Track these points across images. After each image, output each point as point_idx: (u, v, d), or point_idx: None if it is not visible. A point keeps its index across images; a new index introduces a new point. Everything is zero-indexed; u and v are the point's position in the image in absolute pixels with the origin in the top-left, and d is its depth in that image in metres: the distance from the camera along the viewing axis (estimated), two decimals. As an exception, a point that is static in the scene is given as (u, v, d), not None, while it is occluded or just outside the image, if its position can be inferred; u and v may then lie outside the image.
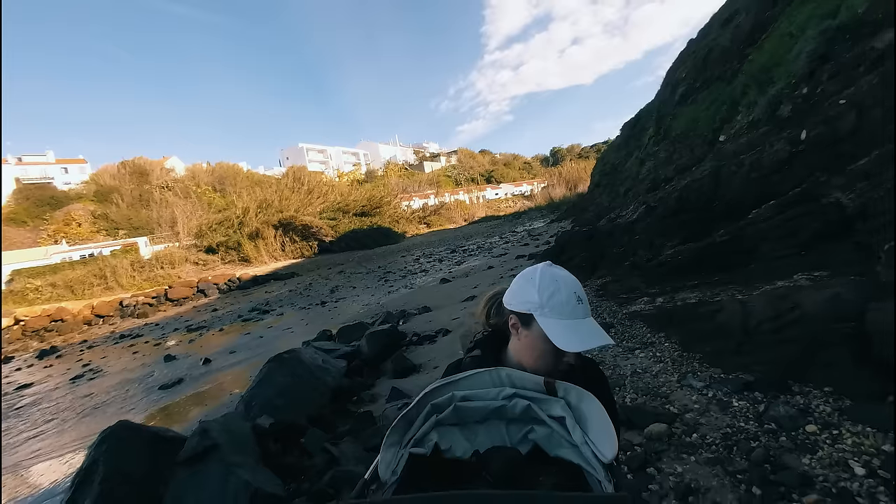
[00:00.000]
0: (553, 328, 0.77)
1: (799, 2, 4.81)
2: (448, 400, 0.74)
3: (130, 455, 2.46)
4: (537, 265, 0.87)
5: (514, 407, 0.74)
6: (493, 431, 0.75)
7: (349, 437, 2.97)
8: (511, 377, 0.76)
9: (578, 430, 0.70)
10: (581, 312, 0.80)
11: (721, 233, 4.11)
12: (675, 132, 7.28)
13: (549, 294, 0.80)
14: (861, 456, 1.51)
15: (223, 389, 6.14)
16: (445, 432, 0.74)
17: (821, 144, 3.36)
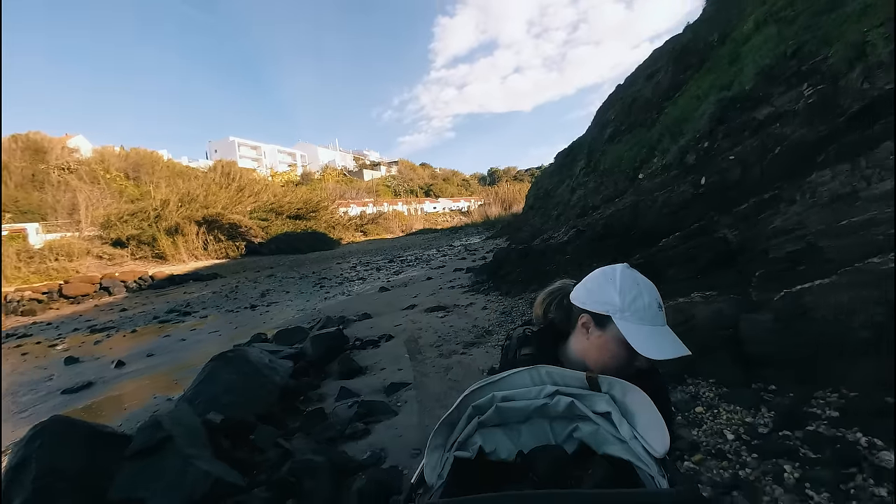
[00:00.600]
0: (634, 333, 0.76)
1: (705, 71, 5.80)
2: (489, 401, 0.73)
3: (66, 451, 2.35)
4: (616, 265, 0.86)
5: (557, 405, 0.72)
6: (537, 431, 0.74)
7: (300, 434, 3.05)
8: (552, 374, 0.75)
9: (626, 424, 0.68)
10: (661, 320, 0.79)
11: (637, 257, 4.79)
12: (603, 166, 8.21)
13: (631, 297, 0.79)
14: (732, 427, 2.01)
15: (144, 392, 5.70)
16: (489, 434, 0.73)
17: (715, 190, 4.12)
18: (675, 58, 6.92)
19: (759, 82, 4.10)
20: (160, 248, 27.11)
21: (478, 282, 8.98)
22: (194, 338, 8.94)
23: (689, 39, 6.87)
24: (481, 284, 8.54)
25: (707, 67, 5.79)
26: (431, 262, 16.03)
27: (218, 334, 8.89)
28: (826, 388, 2.04)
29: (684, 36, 7.46)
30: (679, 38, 7.78)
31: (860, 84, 2.81)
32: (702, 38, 6.42)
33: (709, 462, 1.81)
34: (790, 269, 2.62)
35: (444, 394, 3.37)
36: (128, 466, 2.31)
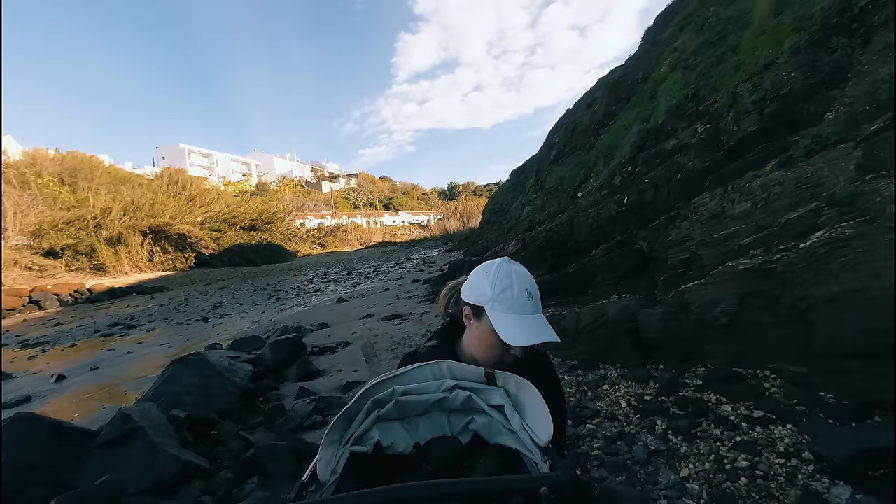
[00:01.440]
0: (500, 321, 0.79)
1: (632, 104, 6.62)
2: (389, 395, 0.75)
3: (33, 445, 2.48)
4: (495, 259, 0.90)
5: (455, 398, 0.74)
6: (434, 423, 0.75)
7: (262, 428, 3.26)
8: (451, 369, 0.77)
9: (517, 416, 0.71)
10: (530, 308, 0.82)
11: (573, 266, 5.38)
12: (548, 185, 8.92)
13: (501, 288, 0.81)
14: (626, 397, 2.51)
15: (90, 404, 5.57)
16: (387, 428, 0.73)
17: (634, 208, 4.79)
18: (610, 91, 7.78)
19: (668, 118, 4.84)
20: (100, 260, 25.49)
21: (433, 292, 9.36)
22: (142, 351, 8.67)
23: (620, 76, 7.76)
24: (437, 294, 8.93)
25: (633, 101, 6.61)
26: (390, 275, 16.25)
27: (168, 346, 8.67)
28: (697, 364, 2.60)
29: (616, 72, 8.39)
30: (613, 73, 8.73)
31: (733, 126, 3.52)
32: (630, 76, 7.29)
33: (604, 423, 2.28)
34: (682, 273, 3.21)
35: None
36: (97, 455, 2.47)
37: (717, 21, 4.99)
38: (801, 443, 1.76)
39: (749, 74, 3.59)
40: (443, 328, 0.98)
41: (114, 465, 2.41)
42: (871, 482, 1.47)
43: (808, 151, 2.69)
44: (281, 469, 2.50)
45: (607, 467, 1.89)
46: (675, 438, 2.02)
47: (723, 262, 2.74)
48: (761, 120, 3.27)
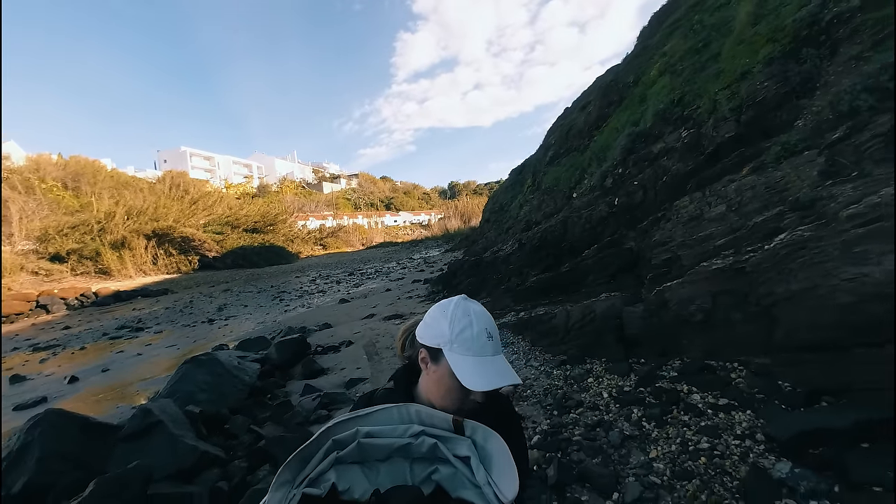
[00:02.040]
0: (460, 365, 0.77)
1: (623, 107, 6.80)
2: (352, 436, 0.72)
3: (64, 436, 2.70)
4: (453, 297, 0.86)
5: (421, 445, 0.72)
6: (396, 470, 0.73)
7: (270, 422, 3.49)
8: (420, 414, 0.75)
9: (482, 470, 0.70)
10: (490, 350, 0.80)
11: (566, 266, 5.57)
12: (545, 185, 9.11)
13: (460, 328, 0.79)
14: (608, 389, 2.71)
15: (105, 404, 5.81)
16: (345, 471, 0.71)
17: (624, 209, 4.98)
18: (602, 93, 7.96)
19: (656, 122, 5.03)
20: (104, 263, 25.77)
21: (434, 291, 9.57)
22: (150, 352, 8.91)
23: (612, 79, 7.94)
24: (437, 294, 9.14)
25: (625, 104, 6.79)
26: (391, 275, 16.45)
27: (176, 348, 8.91)
28: (674, 357, 2.79)
29: (608, 76, 8.57)
30: (605, 76, 8.90)
31: (712, 131, 3.71)
32: (622, 79, 7.47)
33: (586, 412, 2.49)
34: (665, 272, 3.41)
35: (398, 384, 3.93)
36: (122, 446, 2.69)
37: (702, 28, 5.17)
38: (756, 426, 1.95)
39: (728, 82, 3.78)
40: (401, 370, 0.93)
41: (138, 454, 2.63)
42: (810, 458, 1.66)
43: (778, 158, 2.88)
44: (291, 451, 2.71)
45: (585, 451, 2.09)
46: (648, 425, 2.22)
47: (699, 262, 2.93)
48: (738, 126, 3.46)
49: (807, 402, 1.93)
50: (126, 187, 40.14)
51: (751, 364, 2.35)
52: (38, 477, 2.49)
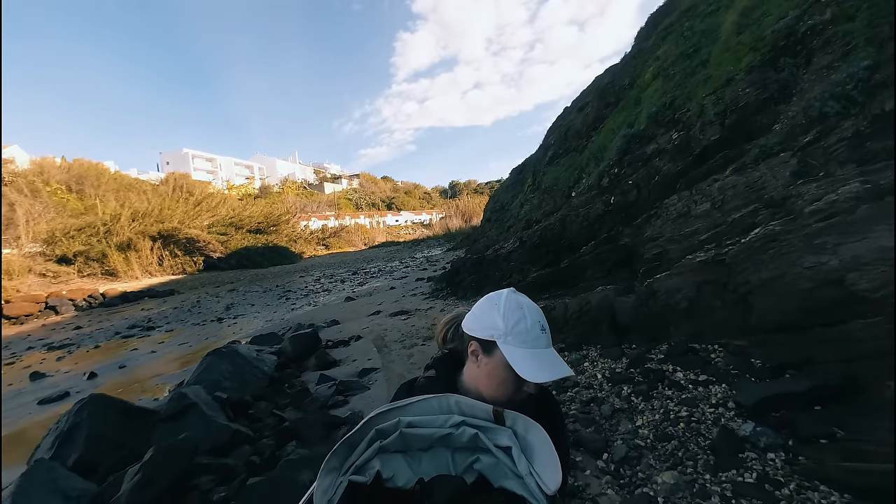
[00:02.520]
0: (516, 357, 0.77)
1: (619, 108, 7.06)
2: (394, 426, 0.74)
3: (107, 420, 2.98)
4: (502, 291, 0.87)
5: (462, 435, 0.73)
6: (438, 459, 0.74)
7: (291, 407, 3.77)
8: (460, 404, 0.76)
9: (524, 460, 0.70)
10: (544, 342, 0.81)
11: (565, 262, 5.84)
12: (545, 185, 9.36)
13: (514, 321, 0.80)
14: (602, 371, 2.98)
15: (126, 396, 6.07)
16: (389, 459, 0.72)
17: (620, 207, 5.24)
18: (599, 95, 8.21)
19: (649, 124, 5.28)
20: (111, 265, 26.10)
21: (437, 289, 9.84)
22: (164, 350, 9.19)
23: (609, 81, 8.19)
24: (440, 291, 9.41)
25: (621, 106, 7.05)
26: (394, 274, 16.72)
27: (189, 345, 9.19)
28: (662, 342, 3.06)
29: (606, 77, 8.82)
30: (602, 77, 9.15)
31: (700, 134, 3.97)
32: (618, 81, 7.72)
33: (581, 391, 2.76)
34: (656, 266, 3.67)
35: (408, 372, 4.19)
36: (161, 426, 2.97)
37: (692, 34, 5.42)
38: (728, 397, 2.21)
39: (714, 88, 4.04)
40: (441, 358, 0.95)
41: (177, 433, 2.90)
42: (771, 419, 1.92)
43: (757, 159, 3.15)
44: (313, 435, 2.99)
45: (581, 422, 2.36)
46: (636, 399, 2.48)
47: (685, 256, 3.20)
48: (722, 129, 3.72)
49: (773, 374, 2.19)
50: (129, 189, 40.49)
51: (729, 345, 2.61)
52: (88, 454, 2.77)
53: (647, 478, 1.84)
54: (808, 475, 1.66)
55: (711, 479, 1.78)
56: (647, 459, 1.94)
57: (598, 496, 1.77)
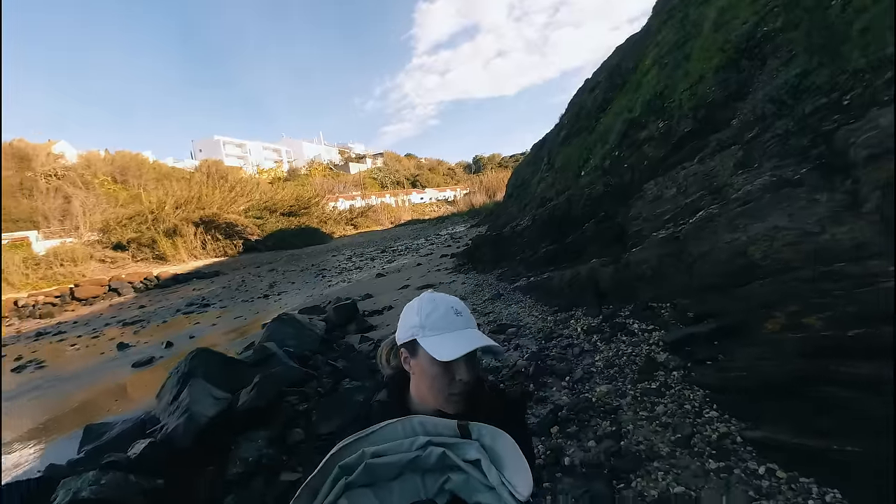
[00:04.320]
0: (432, 344, 0.79)
1: (624, 92, 7.53)
2: (358, 458, 0.71)
3: (212, 364, 4.04)
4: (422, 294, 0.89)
5: (429, 457, 0.72)
6: (407, 487, 0.72)
7: (341, 359, 4.79)
8: (424, 424, 0.75)
9: (494, 470, 0.70)
10: (460, 324, 0.82)
11: (570, 238, 6.55)
12: (558, 164, 9.91)
13: (426, 313, 0.82)
14: (583, 326, 3.80)
15: (203, 359, 7.38)
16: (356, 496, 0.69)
17: (616, 188, 5.88)
18: (608, 76, 8.63)
19: (643, 111, 5.84)
20: (160, 250, 28.27)
21: (459, 264, 10.73)
22: (223, 323, 10.56)
23: (617, 62, 8.59)
24: (462, 266, 10.29)
25: (626, 89, 7.52)
26: (420, 251, 17.69)
27: (243, 318, 10.52)
28: (630, 303, 3.82)
29: (615, 58, 9.18)
30: (612, 58, 9.50)
31: (677, 125, 4.58)
32: (625, 64, 8.13)
33: (563, 339, 3.60)
34: (635, 242, 4.39)
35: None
36: (250, 371, 4.02)
37: (687, 23, 5.86)
38: (661, 339, 2.99)
39: (690, 83, 4.60)
40: (390, 377, 0.96)
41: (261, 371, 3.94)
42: (683, 353, 2.70)
43: (714, 151, 3.79)
44: (361, 374, 3.98)
45: (556, 359, 3.20)
46: (600, 344, 3.30)
47: (652, 233, 3.92)
48: (694, 122, 4.32)
49: (695, 321, 2.94)
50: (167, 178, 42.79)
51: (676, 303, 3.35)
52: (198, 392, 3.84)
53: (590, 388, 2.68)
54: (690, 382, 2.45)
55: (630, 388, 2.59)
56: (594, 379, 2.77)
57: (556, 400, 2.63)
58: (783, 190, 2.74)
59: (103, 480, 2.00)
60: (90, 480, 2.00)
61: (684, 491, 1.75)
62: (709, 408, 2.21)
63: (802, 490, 1.65)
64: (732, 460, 1.87)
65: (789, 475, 1.73)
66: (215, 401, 3.00)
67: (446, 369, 0.80)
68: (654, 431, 2.17)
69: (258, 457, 2.46)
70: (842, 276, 2.18)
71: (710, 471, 1.84)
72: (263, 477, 2.34)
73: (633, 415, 2.32)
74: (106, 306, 19.39)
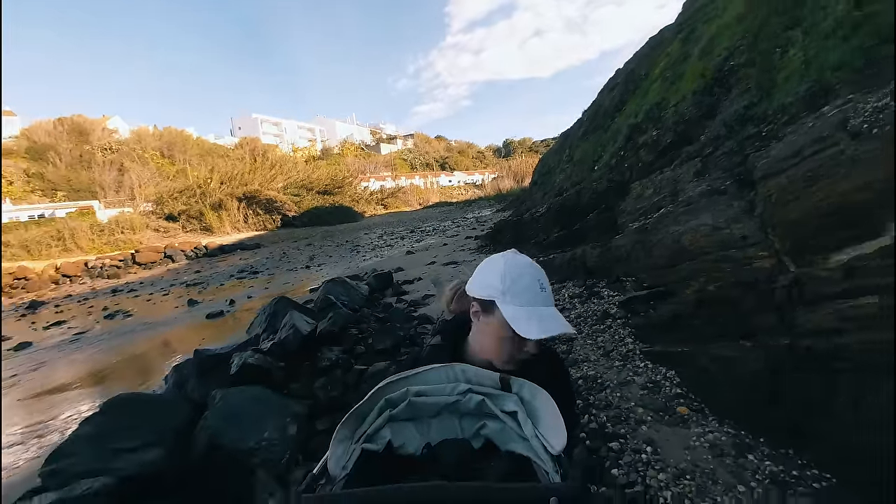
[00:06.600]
0: (513, 314, 0.79)
1: (635, 97, 8.38)
2: (402, 395, 0.76)
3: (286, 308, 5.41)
4: (504, 252, 0.89)
5: (468, 402, 0.76)
6: (446, 426, 0.77)
7: (383, 312, 6.10)
8: (466, 373, 0.78)
9: (529, 423, 0.73)
10: (542, 300, 0.82)
11: (577, 225, 7.59)
12: (576, 158, 10.80)
13: (511, 280, 0.82)
14: (570, 293, 4.94)
15: (264, 314, 8.92)
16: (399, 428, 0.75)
17: (617, 185, 6.86)
18: (625, 80, 9.43)
19: (644, 118, 6.77)
20: (207, 222, 30.61)
21: (482, 245, 11.89)
22: (273, 287, 12.16)
23: (633, 68, 9.36)
24: (484, 247, 11.46)
25: (637, 94, 8.36)
26: (447, 232, 18.89)
27: (290, 284, 12.09)
28: (607, 277, 4.91)
29: (632, 63, 9.92)
30: (629, 63, 10.23)
31: (663, 136, 5.55)
32: (638, 70, 8.91)
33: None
34: (619, 231, 5.45)
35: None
36: (319, 314, 5.38)
37: (693, 38, 6.68)
38: (618, 301, 4.11)
39: (677, 101, 5.53)
40: (447, 323, 0.99)
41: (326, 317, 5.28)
42: (629, 308, 3.81)
43: (683, 161, 4.79)
44: (400, 320, 5.26)
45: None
46: (578, 305, 4.44)
47: (630, 224, 4.98)
48: (674, 135, 5.29)
49: (646, 290, 4.04)
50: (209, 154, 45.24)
51: (637, 278, 4.44)
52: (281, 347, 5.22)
53: (561, 330, 3.85)
54: (625, 325, 3.58)
55: (587, 329, 3.75)
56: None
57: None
58: (713, 196, 3.79)
59: (256, 356, 3.36)
60: (249, 356, 3.36)
61: (595, 373, 2.92)
62: (630, 338, 3.34)
63: (657, 371, 2.84)
64: (629, 362, 3.05)
65: (654, 366, 2.89)
66: (307, 324, 4.34)
67: (518, 338, 0.81)
68: (591, 349, 3.34)
69: (336, 358, 3.78)
70: (731, 258, 3.27)
71: (615, 366, 3.01)
72: (342, 368, 3.66)
73: (582, 342, 3.49)
74: (164, 270, 21.60)
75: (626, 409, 2.47)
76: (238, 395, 2.82)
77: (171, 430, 2.60)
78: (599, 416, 2.45)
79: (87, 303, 14.18)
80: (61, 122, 43.57)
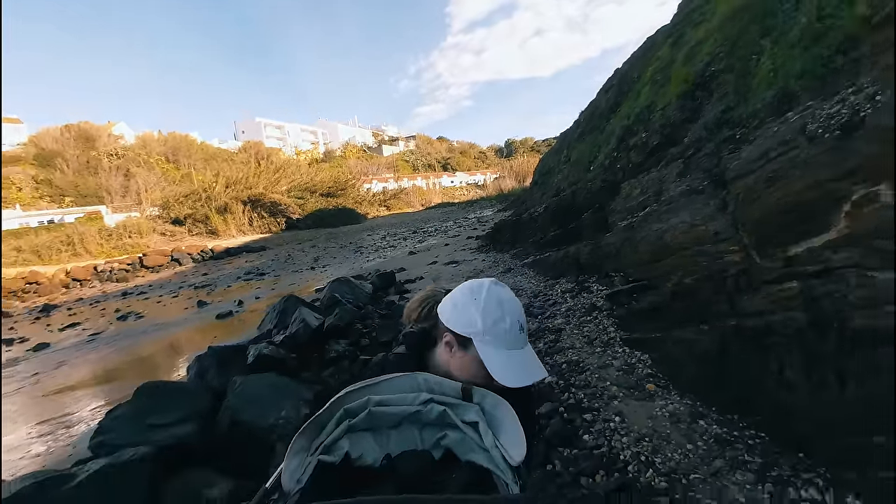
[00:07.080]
0: (492, 358, 0.80)
1: (628, 99, 8.65)
2: (363, 404, 0.75)
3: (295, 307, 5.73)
4: (484, 281, 0.87)
5: (430, 412, 0.75)
6: (406, 436, 0.76)
7: (386, 309, 6.41)
8: (429, 382, 0.79)
9: (490, 434, 0.73)
10: (521, 342, 0.83)
11: (572, 225, 7.87)
12: (573, 159, 11.07)
13: (493, 320, 0.81)
14: (562, 288, 5.22)
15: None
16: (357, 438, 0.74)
17: (610, 185, 7.14)
18: (619, 82, 9.70)
19: (635, 121, 7.05)
20: (213, 225, 31.02)
21: (483, 245, 12.18)
22: (279, 287, 12.49)
23: (627, 70, 9.63)
24: (484, 247, 11.75)
25: (630, 96, 8.63)
26: (449, 233, 19.18)
27: (296, 285, 12.41)
28: (597, 273, 5.20)
29: (626, 66, 10.19)
30: (623, 67, 10.50)
31: (651, 138, 5.83)
32: (631, 73, 9.18)
33: (547, 298, 5.03)
34: (610, 229, 5.73)
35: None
36: (325, 311, 5.69)
37: (682, 43, 6.95)
38: (604, 294, 4.39)
39: (663, 105, 5.80)
40: (414, 335, 0.97)
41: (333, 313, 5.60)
42: (614, 301, 4.10)
43: (668, 162, 5.07)
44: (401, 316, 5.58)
45: (535, 308, 4.65)
46: (569, 299, 4.72)
47: (619, 222, 5.26)
48: (661, 138, 5.57)
49: (629, 284, 4.32)
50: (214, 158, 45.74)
51: (624, 273, 4.72)
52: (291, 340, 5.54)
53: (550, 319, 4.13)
54: (609, 316, 3.87)
55: (575, 320, 4.03)
56: (556, 317, 4.21)
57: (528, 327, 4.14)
58: (692, 195, 4.07)
59: (270, 348, 3.69)
60: (264, 347, 3.68)
61: (579, 359, 3.21)
62: (612, 327, 3.63)
63: (633, 355, 3.15)
64: (609, 348, 3.34)
65: (631, 350, 3.18)
66: (316, 319, 4.66)
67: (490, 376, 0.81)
68: (577, 338, 3.63)
69: (343, 350, 4.09)
70: (706, 253, 3.55)
71: (596, 352, 3.29)
72: (348, 359, 3.98)
73: (569, 331, 3.78)
74: (171, 273, 21.98)
75: (602, 388, 2.76)
76: (256, 381, 3.14)
77: (196, 413, 2.92)
78: (578, 393, 2.75)
79: (98, 305, 14.56)
80: (68, 129, 44.22)
